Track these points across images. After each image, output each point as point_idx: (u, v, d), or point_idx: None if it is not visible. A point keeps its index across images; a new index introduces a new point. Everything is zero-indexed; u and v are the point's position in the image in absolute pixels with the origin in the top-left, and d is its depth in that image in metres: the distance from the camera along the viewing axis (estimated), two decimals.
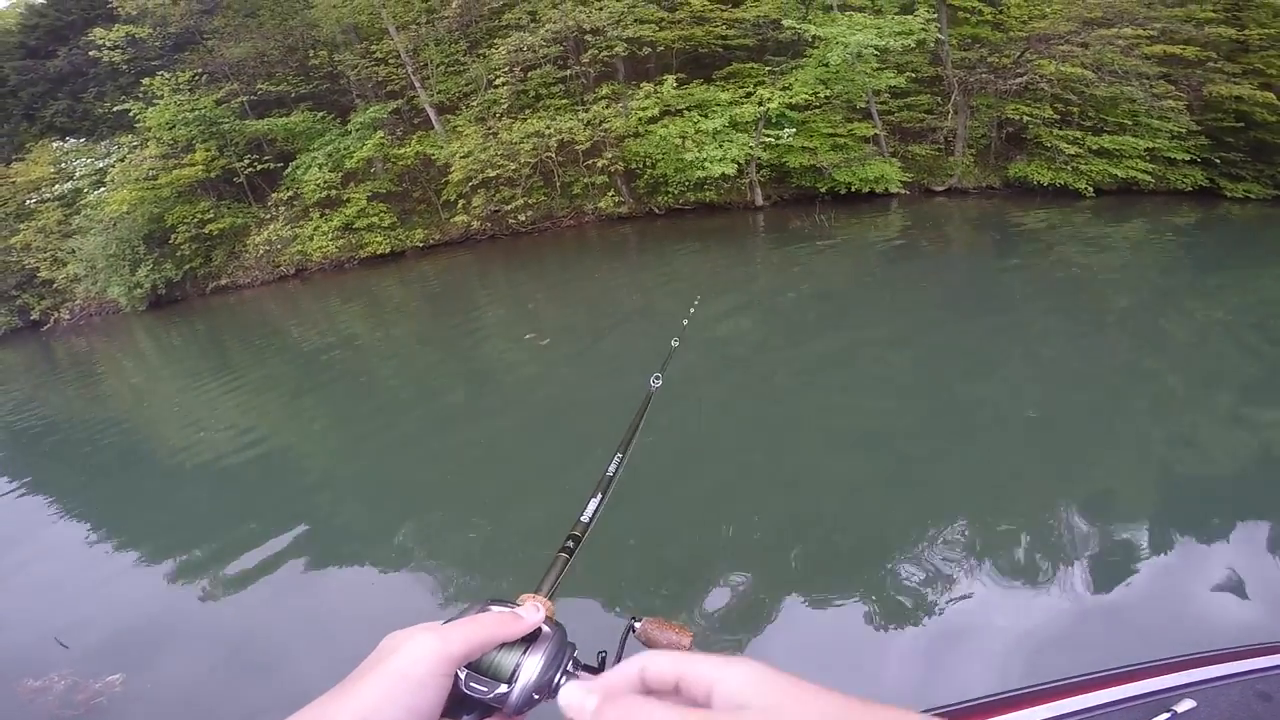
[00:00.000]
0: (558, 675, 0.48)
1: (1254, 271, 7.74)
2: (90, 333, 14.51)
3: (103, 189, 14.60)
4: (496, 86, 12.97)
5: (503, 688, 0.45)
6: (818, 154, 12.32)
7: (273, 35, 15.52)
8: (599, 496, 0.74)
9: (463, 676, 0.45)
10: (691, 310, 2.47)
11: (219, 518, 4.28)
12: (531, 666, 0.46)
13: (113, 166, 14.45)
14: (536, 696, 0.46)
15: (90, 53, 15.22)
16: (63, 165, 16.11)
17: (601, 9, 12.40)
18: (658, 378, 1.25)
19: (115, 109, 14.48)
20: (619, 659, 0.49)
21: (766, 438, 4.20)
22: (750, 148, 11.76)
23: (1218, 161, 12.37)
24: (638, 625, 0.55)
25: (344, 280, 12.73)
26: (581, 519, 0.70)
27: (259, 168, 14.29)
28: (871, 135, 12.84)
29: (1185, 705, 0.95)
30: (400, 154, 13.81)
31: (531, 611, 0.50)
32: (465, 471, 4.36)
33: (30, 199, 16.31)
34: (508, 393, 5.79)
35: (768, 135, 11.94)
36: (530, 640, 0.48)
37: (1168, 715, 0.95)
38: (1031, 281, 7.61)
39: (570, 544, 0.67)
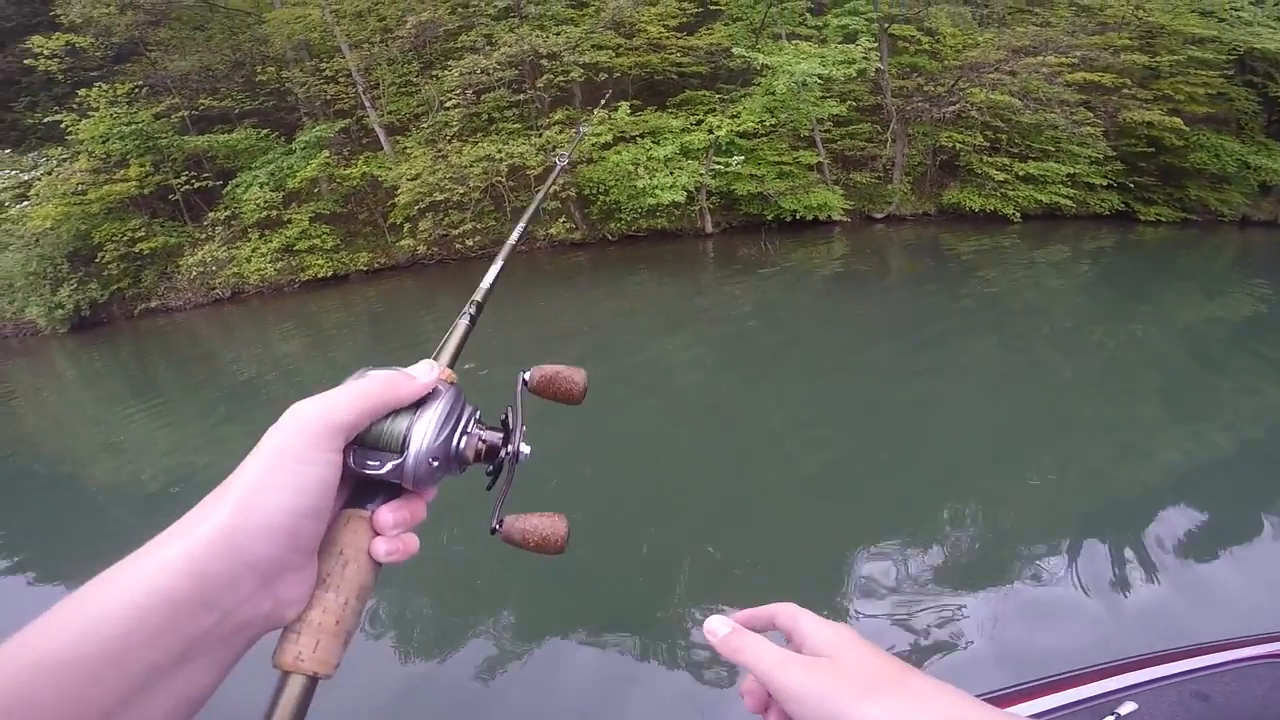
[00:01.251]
0: (457, 436, 0.43)
1: (1163, 293, 8.28)
2: (4, 355, 13.62)
3: (26, 203, 13.82)
4: (448, 109, 12.87)
5: (396, 459, 0.40)
6: (764, 181, 12.59)
7: (220, 49, 15.11)
8: (500, 263, 0.76)
9: (352, 454, 0.39)
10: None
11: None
12: (423, 427, 0.41)
13: (39, 180, 13.71)
14: (435, 462, 0.41)
15: (25, 61, 14.51)
16: None
17: (559, 34, 12.52)
18: (564, 155, 1.39)
19: (46, 120, 13.79)
20: (519, 415, 0.48)
21: (711, 465, 4.28)
22: (700, 175, 11.96)
23: (1131, 186, 13.14)
24: (527, 376, 0.52)
25: (283, 303, 12.32)
26: (482, 285, 0.70)
27: (197, 185, 13.75)
28: (815, 163, 13.21)
29: (1128, 708, 0.98)
30: (346, 174, 13.52)
31: (425, 370, 0.44)
32: None
33: None
34: None
35: (717, 163, 12.17)
36: (422, 405, 0.43)
37: (1111, 718, 0.97)
38: (963, 308, 7.93)
39: (472, 310, 0.63)
